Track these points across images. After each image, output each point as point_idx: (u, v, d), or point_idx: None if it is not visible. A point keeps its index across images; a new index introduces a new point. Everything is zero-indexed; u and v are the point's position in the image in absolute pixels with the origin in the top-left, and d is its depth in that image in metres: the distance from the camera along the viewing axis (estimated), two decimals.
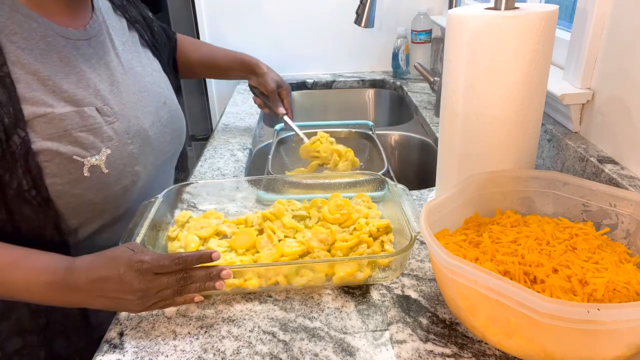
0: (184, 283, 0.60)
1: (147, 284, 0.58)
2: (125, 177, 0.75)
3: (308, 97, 1.72)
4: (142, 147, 0.79)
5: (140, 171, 0.78)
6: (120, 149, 0.74)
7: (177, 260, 0.59)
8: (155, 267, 0.58)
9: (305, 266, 0.66)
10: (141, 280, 0.58)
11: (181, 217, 0.80)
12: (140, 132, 0.79)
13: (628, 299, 0.51)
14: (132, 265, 0.58)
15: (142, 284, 0.58)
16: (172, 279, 0.59)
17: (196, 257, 0.60)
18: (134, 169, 0.77)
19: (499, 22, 0.64)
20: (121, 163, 0.74)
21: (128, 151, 0.75)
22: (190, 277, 0.60)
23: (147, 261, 0.58)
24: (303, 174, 1.03)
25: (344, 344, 0.59)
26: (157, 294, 0.59)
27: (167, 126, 0.87)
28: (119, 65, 0.80)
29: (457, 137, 0.74)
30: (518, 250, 0.58)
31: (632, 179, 0.70)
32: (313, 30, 1.72)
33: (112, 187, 0.74)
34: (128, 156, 0.75)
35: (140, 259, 0.58)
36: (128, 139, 0.76)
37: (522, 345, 0.51)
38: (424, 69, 1.36)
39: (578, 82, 0.82)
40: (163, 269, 0.59)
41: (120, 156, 0.74)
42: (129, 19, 0.89)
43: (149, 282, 0.58)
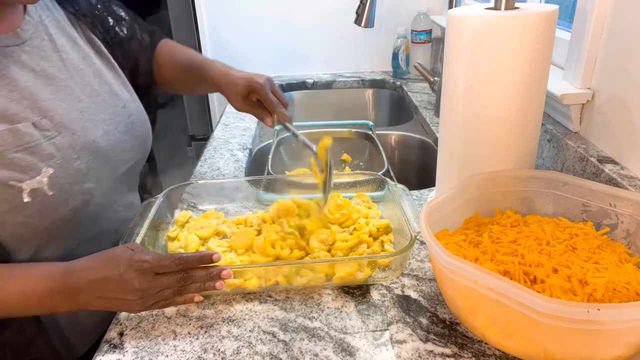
0: (184, 283, 0.59)
1: (148, 284, 0.57)
2: (74, 198, 0.68)
3: (308, 97, 1.72)
4: (92, 161, 0.70)
5: (93, 188, 0.71)
6: (65, 167, 0.66)
7: (177, 261, 0.58)
8: (156, 267, 0.58)
9: (305, 266, 0.66)
10: (142, 279, 0.57)
11: (181, 217, 0.80)
12: (88, 144, 0.70)
13: (628, 299, 0.51)
14: (133, 264, 0.57)
15: (142, 283, 0.57)
16: (173, 279, 0.58)
17: (197, 258, 0.59)
18: (83, 186, 0.69)
19: (499, 22, 0.64)
20: (67, 182, 0.66)
21: (75, 168, 0.67)
22: (190, 277, 0.59)
23: (147, 260, 0.57)
24: (303, 174, 1.03)
25: (344, 344, 0.59)
26: (157, 294, 0.58)
27: (127, 133, 0.78)
28: (62, 69, 0.71)
29: (457, 137, 0.74)
30: (518, 250, 0.58)
31: (632, 179, 0.70)
32: (313, 30, 1.72)
33: (59, 210, 0.66)
34: (75, 173, 0.67)
35: (141, 259, 0.57)
36: (74, 154, 0.68)
37: (522, 345, 0.51)
38: (424, 69, 1.36)
39: (578, 82, 0.82)
40: (164, 268, 0.58)
41: (65, 174, 0.66)
42: (75, 13, 0.78)
43: (150, 282, 0.57)
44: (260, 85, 0.84)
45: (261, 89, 0.84)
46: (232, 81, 0.86)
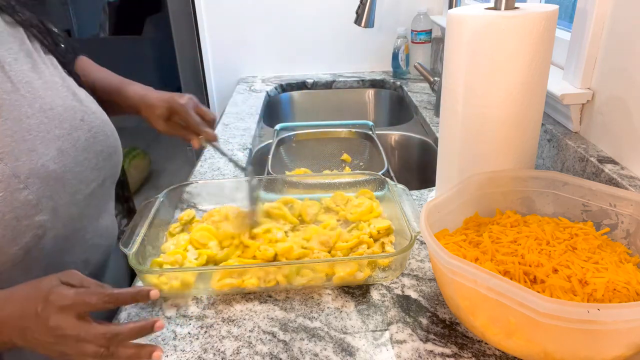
0: (106, 354, 0.50)
1: (62, 324, 0.49)
2: (23, 234, 0.58)
3: (308, 97, 1.72)
4: (43, 189, 0.61)
5: (47, 220, 0.61)
6: (9, 200, 0.57)
7: (106, 298, 0.50)
8: (77, 304, 0.49)
9: (306, 266, 0.66)
10: (57, 318, 0.49)
11: (185, 216, 0.80)
12: (37, 169, 0.60)
13: (628, 299, 0.51)
14: (49, 300, 0.49)
15: (56, 321, 0.48)
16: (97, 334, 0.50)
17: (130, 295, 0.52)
18: (34, 220, 0.59)
19: (499, 22, 0.64)
20: (12, 217, 0.57)
21: (22, 199, 0.58)
22: (114, 354, 0.50)
23: (68, 296, 0.49)
24: (303, 174, 1.03)
25: (344, 344, 0.59)
26: (76, 345, 0.49)
27: (88, 150, 0.68)
28: (5, 82, 0.61)
29: (457, 137, 0.74)
30: (518, 250, 0.58)
31: (632, 179, 0.70)
32: (313, 30, 1.72)
33: (6, 250, 0.57)
34: (22, 206, 0.58)
35: (61, 293, 0.49)
36: (19, 183, 0.58)
37: (522, 345, 0.51)
38: (424, 69, 1.36)
39: (578, 82, 0.82)
40: (88, 307, 0.50)
41: (10, 209, 0.57)
42: (21, 22, 0.69)
43: (67, 324, 0.49)
44: (181, 105, 0.79)
45: (182, 109, 0.79)
46: (150, 103, 0.80)
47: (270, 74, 1.79)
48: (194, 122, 0.79)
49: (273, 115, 1.63)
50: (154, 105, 0.80)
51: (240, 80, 1.75)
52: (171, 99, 0.79)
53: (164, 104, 0.80)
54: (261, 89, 1.64)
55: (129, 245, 0.67)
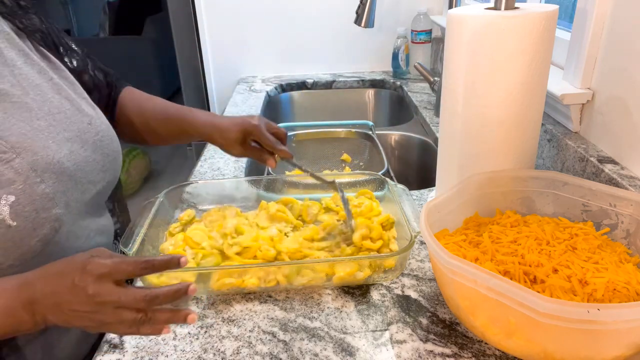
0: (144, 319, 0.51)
1: (103, 292, 0.49)
2: (42, 226, 0.60)
3: (308, 97, 1.72)
4: (58, 184, 0.63)
5: (62, 214, 0.63)
6: (28, 192, 0.59)
7: (142, 264, 0.51)
8: (114, 272, 0.50)
9: (306, 266, 0.66)
10: (96, 286, 0.49)
11: (185, 216, 0.80)
12: (52, 164, 0.62)
13: (628, 299, 0.51)
14: (87, 270, 0.50)
15: (96, 289, 0.49)
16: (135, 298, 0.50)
17: (163, 262, 0.52)
18: (51, 213, 0.61)
19: (499, 22, 0.64)
20: (32, 209, 0.59)
21: (39, 192, 0.60)
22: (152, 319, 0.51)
23: (104, 264, 0.50)
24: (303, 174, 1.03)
25: (344, 344, 0.59)
26: (115, 311, 0.50)
27: (96, 152, 0.70)
28: (15, 84, 0.63)
29: (457, 137, 0.74)
30: (518, 250, 0.58)
31: (632, 179, 0.70)
32: (313, 30, 1.72)
33: (27, 242, 0.59)
34: (40, 199, 0.60)
35: (97, 262, 0.50)
36: (37, 177, 0.60)
37: (522, 345, 0.51)
38: (424, 69, 1.36)
39: (578, 82, 0.82)
40: (124, 274, 0.51)
41: (29, 201, 0.58)
42: (24, 29, 0.69)
43: (105, 290, 0.50)
44: (255, 127, 0.79)
45: (256, 130, 0.79)
46: (224, 130, 0.81)
47: (270, 74, 1.79)
48: (269, 142, 0.80)
49: (273, 115, 1.63)
50: (228, 131, 0.80)
51: (240, 80, 1.75)
52: (244, 122, 0.80)
53: (238, 128, 0.80)
54: (261, 89, 1.64)
55: (129, 245, 0.67)
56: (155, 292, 0.51)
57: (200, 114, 0.84)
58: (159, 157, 3.36)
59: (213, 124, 0.82)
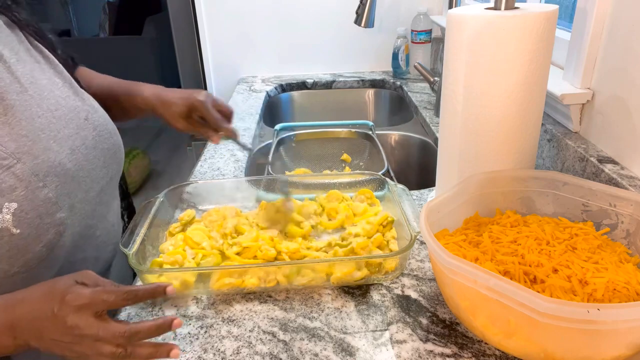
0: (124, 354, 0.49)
1: (81, 323, 0.48)
2: (46, 232, 0.59)
3: (308, 97, 1.72)
4: (61, 187, 0.62)
5: (66, 217, 0.62)
6: (31, 198, 0.57)
7: (124, 295, 0.50)
8: (95, 303, 0.49)
9: (306, 266, 0.66)
10: (74, 318, 0.48)
11: (185, 216, 0.80)
12: (54, 167, 0.61)
13: (628, 299, 0.51)
14: (66, 299, 0.48)
15: (74, 321, 0.48)
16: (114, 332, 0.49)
17: (149, 291, 0.51)
18: (55, 217, 0.60)
19: (499, 22, 0.64)
20: (36, 215, 0.58)
21: (42, 197, 0.59)
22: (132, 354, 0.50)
23: (84, 295, 0.49)
24: (303, 174, 1.03)
25: (344, 344, 0.59)
26: (94, 345, 0.49)
27: (96, 148, 0.69)
28: (13, 82, 0.61)
29: (457, 137, 0.74)
30: (518, 250, 0.58)
31: (632, 179, 0.70)
32: (313, 30, 1.72)
33: (31, 248, 0.58)
34: (43, 204, 0.59)
35: (77, 292, 0.49)
36: (39, 182, 0.59)
37: (522, 345, 0.51)
38: (424, 69, 1.36)
39: (578, 82, 0.82)
40: (105, 305, 0.49)
41: (32, 207, 0.57)
42: (18, 22, 0.68)
43: (83, 323, 0.48)
44: (200, 102, 0.78)
45: (202, 106, 0.78)
46: (168, 101, 0.79)
47: (270, 74, 1.79)
48: (214, 119, 0.79)
49: (273, 115, 1.63)
50: (172, 104, 0.79)
51: (240, 80, 1.75)
52: (190, 97, 0.79)
53: (183, 102, 0.79)
54: (261, 89, 1.64)
55: (129, 245, 0.67)
56: (135, 328, 0.50)
57: (146, 88, 0.83)
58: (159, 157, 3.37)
59: (158, 96, 0.81)
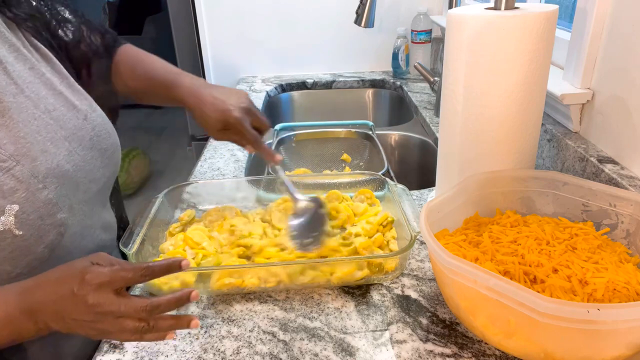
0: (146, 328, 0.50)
1: (103, 302, 0.48)
2: (48, 233, 0.60)
3: (308, 97, 1.72)
4: (61, 187, 0.62)
5: (67, 217, 0.62)
6: (32, 200, 0.58)
7: (142, 271, 0.50)
8: (114, 280, 0.49)
9: (307, 266, 0.66)
10: (95, 296, 0.48)
11: (185, 216, 0.80)
12: (52, 169, 0.61)
13: (628, 299, 0.51)
14: (86, 279, 0.49)
15: (96, 299, 0.48)
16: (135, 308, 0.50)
17: (164, 267, 0.51)
18: (56, 218, 0.61)
19: (499, 22, 0.64)
20: (37, 217, 0.58)
21: (43, 198, 0.59)
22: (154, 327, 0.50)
23: (103, 273, 0.49)
24: (303, 174, 1.03)
25: (344, 344, 0.59)
26: (116, 320, 0.50)
27: (93, 149, 0.69)
28: (9, 84, 0.60)
29: (457, 137, 0.74)
30: (518, 250, 0.58)
31: (632, 179, 0.70)
32: (313, 30, 1.72)
33: (33, 249, 0.59)
34: (44, 205, 0.59)
35: (97, 271, 0.49)
36: (39, 183, 0.59)
37: (522, 345, 0.51)
38: (424, 69, 1.36)
39: (578, 82, 0.82)
40: (124, 281, 0.50)
41: (33, 208, 0.58)
42: (14, 18, 0.67)
43: (106, 300, 0.49)
44: (236, 120, 0.74)
45: (238, 123, 0.74)
46: (204, 112, 0.75)
47: (270, 74, 1.79)
48: (251, 138, 0.76)
49: (273, 115, 1.63)
50: (208, 116, 0.76)
51: (240, 80, 1.75)
52: (225, 113, 0.74)
53: (218, 116, 0.75)
54: (261, 89, 1.64)
55: (129, 245, 0.67)
56: (156, 302, 0.50)
57: (186, 83, 0.79)
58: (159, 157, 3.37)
59: (197, 98, 0.77)
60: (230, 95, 0.77)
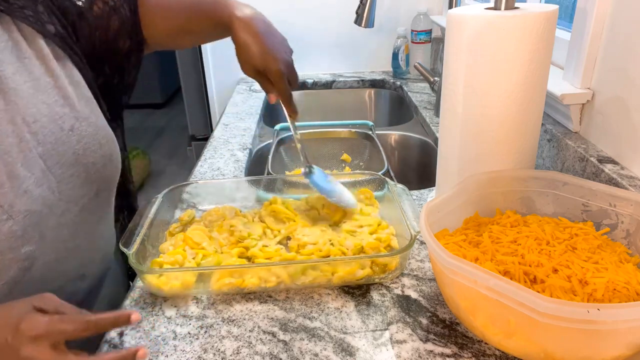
0: None
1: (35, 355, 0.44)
2: (8, 268, 0.54)
3: (308, 97, 1.72)
4: (29, 216, 0.56)
5: (34, 250, 0.56)
6: None
7: (84, 325, 0.46)
8: (52, 334, 0.45)
9: (307, 266, 0.66)
10: (28, 349, 0.45)
11: (186, 216, 0.80)
12: (19, 196, 0.55)
13: (628, 299, 0.51)
14: (20, 328, 0.45)
15: (28, 352, 0.44)
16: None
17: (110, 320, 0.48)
18: (19, 252, 0.55)
19: (499, 22, 0.64)
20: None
21: (5, 231, 0.53)
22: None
23: (40, 324, 0.45)
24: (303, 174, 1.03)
25: (344, 344, 0.59)
26: None
27: (77, 163, 0.61)
28: None
29: (457, 137, 0.74)
30: (518, 250, 0.58)
31: (632, 179, 0.70)
32: (313, 30, 1.72)
33: None
34: (6, 238, 0.53)
35: (34, 320, 0.45)
36: (2, 214, 0.53)
37: (522, 345, 0.51)
38: (424, 69, 1.36)
39: (578, 82, 0.82)
40: (63, 335, 0.46)
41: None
42: (7, 9, 0.59)
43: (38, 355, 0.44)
44: (278, 72, 0.73)
45: (278, 76, 0.74)
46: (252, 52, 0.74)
47: None
48: (284, 91, 0.76)
49: (273, 115, 1.63)
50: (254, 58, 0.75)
51: (240, 80, 1.75)
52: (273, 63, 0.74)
53: (264, 63, 0.74)
54: (261, 89, 1.64)
55: (129, 245, 0.67)
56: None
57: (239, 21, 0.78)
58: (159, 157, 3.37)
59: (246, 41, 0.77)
60: (282, 45, 0.77)
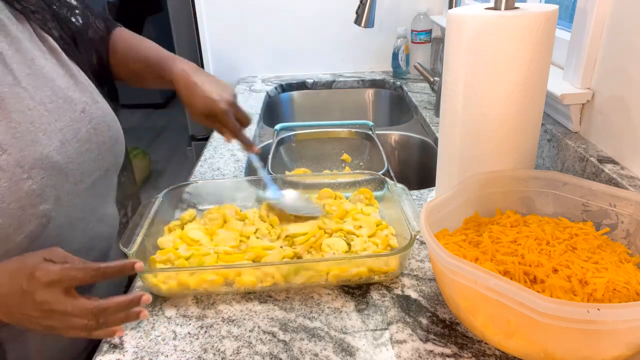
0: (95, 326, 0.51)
1: (50, 299, 0.49)
2: (28, 223, 0.60)
3: (308, 97, 1.72)
4: (47, 179, 0.62)
5: (50, 209, 0.62)
6: (13, 189, 0.58)
7: (93, 272, 0.51)
8: (64, 279, 0.50)
9: (304, 265, 0.66)
10: (43, 294, 0.49)
11: (187, 216, 0.80)
12: (40, 160, 0.61)
13: (628, 299, 0.51)
14: (35, 275, 0.49)
15: (43, 296, 0.49)
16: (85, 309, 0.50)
17: (117, 268, 0.52)
18: (38, 209, 0.60)
19: (499, 22, 0.64)
20: (17, 206, 0.58)
21: (26, 189, 0.59)
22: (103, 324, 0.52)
23: (53, 271, 0.50)
24: (303, 174, 1.03)
25: (344, 343, 0.59)
26: (64, 319, 0.51)
27: (89, 141, 0.69)
28: (6, 75, 0.62)
29: (457, 137, 0.74)
30: (518, 250, 0.58)
31: (632, 179, 0.70)
32: (313, 30, 1.72)
33: (12, 238, 0.58)
34: (26, 195, 0.59)
35: (46, 269, 0.50)
36: (23, 173, 0.59)
37: (522, 345, 0.51)
38: (424, 69, 1.36)
39: (578, 82, 0.82)
40: (74, 280, 0.50)
41: (14, 198, 0.58)
42: (22, 10, 0.68)
43: (53, 298, 0.49)
44: (222, 111, 0.78)
45: (223, 116, 0.78)
46: (193, 99, 0.78)
47: (270, 73, 1.79)
48: (232, 129, 0.80)
49: (273, 115, 1.63)
50: (196, 104, 0.79)
51: (240, 80, 1.75)
52: (212, 104, 0.77)
53: (204, 105, 0.78)
54: (261, 89, 1.64)
55: (129, 245, 0.67)
56: (104, 304, 0.51)
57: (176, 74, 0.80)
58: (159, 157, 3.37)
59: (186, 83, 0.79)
60: (219, 87, 0.80)
